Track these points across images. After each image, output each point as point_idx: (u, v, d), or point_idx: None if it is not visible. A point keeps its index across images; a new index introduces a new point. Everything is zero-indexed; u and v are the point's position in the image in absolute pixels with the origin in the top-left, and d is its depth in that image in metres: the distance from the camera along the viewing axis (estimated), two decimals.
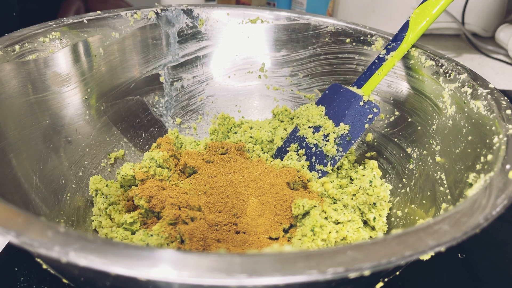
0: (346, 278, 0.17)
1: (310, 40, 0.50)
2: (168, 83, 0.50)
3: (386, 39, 0.45)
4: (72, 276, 0.25)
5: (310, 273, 0.16)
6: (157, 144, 0.44)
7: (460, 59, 0.59)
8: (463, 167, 0.31)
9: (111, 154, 0.43)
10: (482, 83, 0.34)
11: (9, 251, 0.34)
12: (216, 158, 0.42)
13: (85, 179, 0.40)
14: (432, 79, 0.39)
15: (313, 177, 0.40)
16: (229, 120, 0.49)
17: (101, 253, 0.16)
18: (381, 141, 0.44)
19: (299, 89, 0.52)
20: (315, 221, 0.33)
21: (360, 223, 0.37)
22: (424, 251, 0.18)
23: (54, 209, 0.34)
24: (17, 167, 0.32)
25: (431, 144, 0.37)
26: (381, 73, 0.41)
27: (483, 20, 0.84)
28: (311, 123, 0.43)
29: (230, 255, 0.17)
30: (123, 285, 0.21)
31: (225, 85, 0.52)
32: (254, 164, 0.41)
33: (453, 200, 0.30)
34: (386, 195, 0.38)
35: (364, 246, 0.18)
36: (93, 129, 0.42)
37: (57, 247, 0.17)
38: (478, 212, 0.21)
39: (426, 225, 0.20)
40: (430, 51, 0.40)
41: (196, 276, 0.16)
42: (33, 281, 0.31)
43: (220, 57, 0.52)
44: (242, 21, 0.51)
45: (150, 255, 0.17)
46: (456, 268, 0.35)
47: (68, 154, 0.39)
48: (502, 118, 0.29)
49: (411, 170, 0.39)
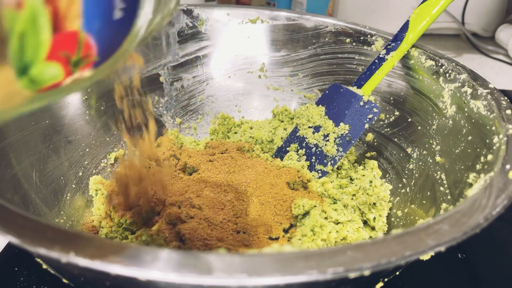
0: (346, 278, 0.17)
1: (310, 40, 0.50)
2: (168, 83, 0.50)
3: (386, 39, 0.45)
4: (72, 276, 0.25)
5: (310, 273, 0.16)
6: (157, 143, 0.44)
7: (460, 59, 0.58)
8: (463, 167, 0.31)
9: (111, 154, 0.43)
10: (482, 83, 0.34)
11: (9, 251, 0.34)
12: (216, 157, 0.42)
13: (85, 179, 0.40)
14: (432, 79, 0.39)
15: (313, 177, 0.40)
16: (229, 120, 0.49)
17: (101, 253, 0.16)
18: (381, 141, 0.44)
19: (299, 89, 0.52)
20: (315, 221, 0.33)
21: (360, 223, 0.37)
22: (424, 251, 0.18)
23: (54, 209, 0.34)
24: (17, 167, 0.32)
25: (431, 144, 0.37)
26: (381, 73, 0.41)
27: (483, 20, 0.84)
28: (311, 123, 0.43)
29: (230, 255, 0.17)
30: (123, 285, 0.21)
31: (225, 85, 0.52)
32: (254, 164, 0.41)
33: (453, 200, 0.30)
34: (386, 195, 0.38)
35: (364, 246, 0.18)
36: (93, 129, 0.42)
37: (57, 247, 0.17)
38: (478, 212, 0.21)
39: (426, 225, 0.20)
40: (430, 51, 0.40)
41: (196, 276, 0.16)
42: (33, 281, 0.31)
43: (220, 57, 0.52)
44: (242, 21, 0.51)
45: (150, 255, 0.17)
46: (456, 268, 0.35)
47: (68, 154, 0.39)
48: (502, 118, 0.29)
49: (411, 170, 0.39)
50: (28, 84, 0.14)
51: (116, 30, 0.17)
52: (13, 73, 0.13)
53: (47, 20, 0.13)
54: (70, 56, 0.15)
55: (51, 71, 0.14)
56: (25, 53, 0.13)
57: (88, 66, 0.16)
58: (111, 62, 0.18)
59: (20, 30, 0.13)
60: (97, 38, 0.16)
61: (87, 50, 0.15)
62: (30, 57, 0.13)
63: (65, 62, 0.15)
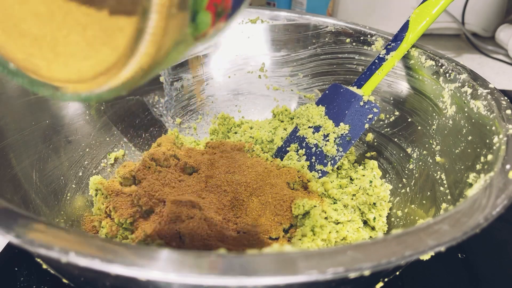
0: (346, 278, 0.17)
1: (310, 40, 0.50)
2: (168, 83, 0.50)
3: (386, 39, 0.45)
4: (72, 276, 0.25)
5: (310, 273, 0.16)
6: (158, 143, 0.44)
7: (460, 59, 0.58)
8: (463, 167, 0.31)
9: (111, 154, 0.43)
10: (482, 83, 0.34)
11: (9, 251, 0.34)
12: (216, 157, 0.42)
13: (85, 179, 0.40)
14: (432, 79, 0.39)
15: (313, 177, 0.40)
16: (229, 120, 0.49)
17: (101, 253, 0.16)
18: (381, 141, 0.44)
19: (299, 89, 0.52)
20: (315, 221, 0.33)
21: (360, 223, 0.37)
22: (424, 251, 0.18)
23: (54, 209, 0.34)
24: (17, 167, 0.32)
25: (431, 144, 0.37)
26: (381, 73, 0.41)
27: (483, 20, 0.84)
28: (311, 123, 0.43)
29: (230, 255, 0.17)
30: (123, 285, 0.21)
31: (225, 85, 0.52)
32: (254, 164, 0.41)
33: (453, 200, 0.30)
34: (386, 195, 0.38)
35: (364, 246, 0.18)
36: (93, 129, 0.42)
37: (57, 247, 0.17)
38: (478, 212, 0.21)
39: (426, 225, 0.20)
40: (430, 51, 0.40)
41: (196, 276, 0.16)
42: (33, 281, 0.31)
43: (220, 57, 0.52)
44: (242, 21, 0.51)
45: (150, 255, 0.17)
46: (456, 268, 0.35)
47: (68, 154, 0.39)
48: (502, 118, 0.29)
49: (411, 170, 0.39)
50: (192, 30, 0.16)
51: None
52: (187, 19, 0.15)
53: None
54: (217, 6, 0.17)
55: (206, 19, 0.17)
56: (197, 2, 0.16)
57: (224, 18, 0.18)
58: (236, 15, 0.20)
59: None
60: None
61: (227, 1, 0.18)
62: (198, 6, 0.16)
63: (214, 12, 0.17)
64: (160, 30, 0.15)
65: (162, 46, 0.15)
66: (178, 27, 0.15)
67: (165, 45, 0.15)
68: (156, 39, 0.15)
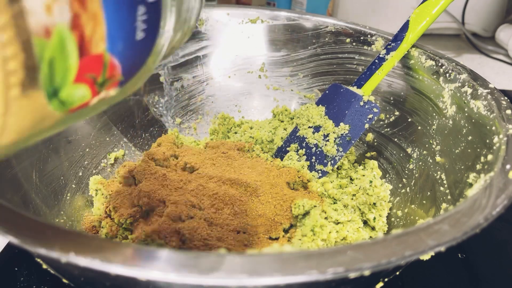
0: (346, 278, 0.17)
1: (310, 40, 0.50)
2: (168, 83, 0.50)
3: (386, 39, 0.45)
4: (72, 276, 0.25)
5: (310, 273, 0.16)
6: (158, 143, 0.44)
7: (460, 59, 0.58)
8: (463, 167, 0.31)
9: (111, 154, 0.43)
10: (482, 83, 0.34)
11: (9, 251, 0.34)
12: (216, 157, 0.42)
13: (85, 179, 0.40)
14: (432, 79, 0.39)
15: (313, 177, 0.40)
16: (229, 120, 0.49)
17: (101, 253, 0.16)
18: (381, 141, 0.44)
19: (299, 89, 0.52)
20: (315, 221, 0.33)
21: (360, 223, 0.37)
22: (424, 251, 0.18)
23: (54, 209, 0.34)
24: (17, 167, 0.32)
25: (431, 144, 0.37)
26: (381, 73, 0.41)
27: (483, 20, 0.84)
28: (311, 123, 0.43)
29: (230, 255, 0.17)
30: (123, 285, 0.21)
31: (225, 85, 0.52)
32: (254, 164, 0.41)
33: (453, 200, 0.30)
34: (386, 195, 0.38)
35: (364, 246, 0.18)
36: (93, 129, 0.42)
37: (57, 247, 0.17)
38: (478, 212, 0.21)
39: (426, 225, 0.20)
40: (430, 51, 0.40)
41: (196, 276, 0.16)
42: (33, 281, 0.31)
43: (220, 57, 0.52)
44: (242, 21, 0.51)
45: (150, 255, 0.17)
46: (456, 268, 0.35)
47: (68, 154, 0.39)
48: (502, 118, 0.29)
49: (411, 170, 0.39)
50: (59, 106, 0.15)
51: (139, 49, 0.17)
52: (44, 97, 0.14)
53: (74, 45, 0.14)
54: (96, 77, 0.16)
55: (79, 92, 0.15)
56: (55, 77, 0.14)
57: (114, 85, 0.17)
58: (135, 80, 0.18)
59: (50, 56, 0.13)
60: (121, 59, 0.16)
61: (112, 71, 0.16)
62: (60, 81, 0.14)
63: (92, 83, 0.16)
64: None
65: (11, 126, 0.13)
66: (29, 107, 0.13)
67: (17, 125, 0.14)
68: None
